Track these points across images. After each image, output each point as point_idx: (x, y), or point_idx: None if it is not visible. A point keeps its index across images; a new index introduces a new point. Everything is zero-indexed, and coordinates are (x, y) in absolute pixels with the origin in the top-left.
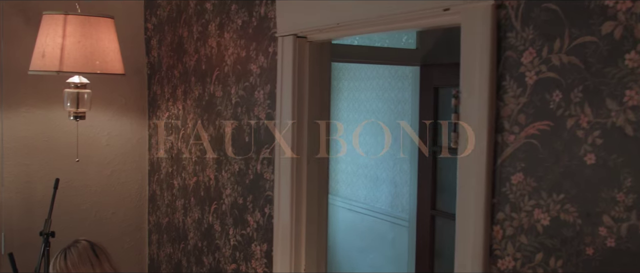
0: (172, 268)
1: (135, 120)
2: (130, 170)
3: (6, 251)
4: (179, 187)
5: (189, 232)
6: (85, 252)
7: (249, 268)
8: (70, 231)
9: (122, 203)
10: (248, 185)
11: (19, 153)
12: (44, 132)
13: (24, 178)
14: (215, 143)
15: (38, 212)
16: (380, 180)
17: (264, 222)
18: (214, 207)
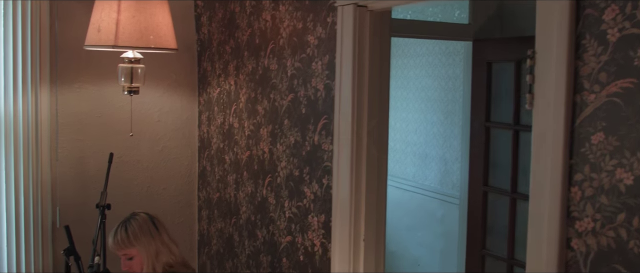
0: (223, 243)
1: (186, 97)
2: (181, 147)
3: (61, 224)
4: (230, 162)
5: (241, 206)
6: (145, 224)
7: (305, 240)
8: (123, 205)
9: (172, 179)
10: (305, 157)
11: (72, 129)
12: (96, 108)
13: (77, 154)
14: (270, 117)
15: (91, 187)
16: (430, 157)
17: (322, 193)
18: (268, 180)
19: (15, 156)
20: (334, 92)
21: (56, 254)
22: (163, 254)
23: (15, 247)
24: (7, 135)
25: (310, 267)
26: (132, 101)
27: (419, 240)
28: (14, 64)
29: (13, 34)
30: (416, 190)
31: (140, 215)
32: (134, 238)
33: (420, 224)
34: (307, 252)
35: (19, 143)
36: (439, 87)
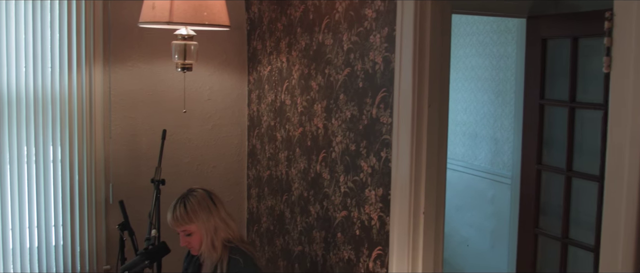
0: (274, 220)
1: (235, 76)
2: (230, 125)
3: (114, 201)
4: (282, 139)
5: (293, 183)
6: (203, 200)
7: (361, 214)
8: (174, 183)
9: (222, 157)
10: (362, 131)
11: (125, 107)
12: (148, 86)
13: (129, 131)
14: (325, 92)
15: (143, 164)
16: (480, 137)
17: (380, 167)
18: (323, 155)
19: (69, 134)
20: (394, 64)
21: (109, 229)
22: (221, 230)
23: (69, 223)
24: (63, 113)
25: (367, 241)
26: (185, 78)
27: (469, 220)
28: (69, 43)
29: (67, 13)
30: (466, 170)
31: (198, 191)
32: (193, 214)
33: (469, 204)
34: (364, 226)
35: (74, 121)
36: (490, 66)
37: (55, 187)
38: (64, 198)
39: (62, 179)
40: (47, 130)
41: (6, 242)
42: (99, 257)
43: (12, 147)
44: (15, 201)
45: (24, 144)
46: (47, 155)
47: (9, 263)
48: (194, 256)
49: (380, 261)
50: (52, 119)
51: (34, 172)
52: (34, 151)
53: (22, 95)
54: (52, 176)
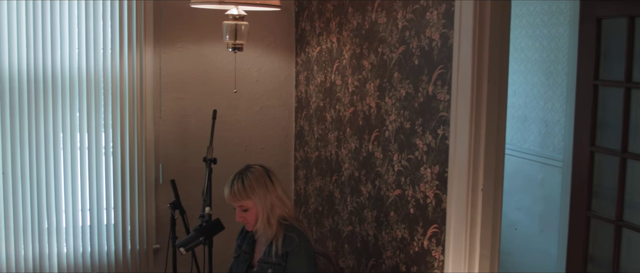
0: (322, 201)
1: (283, 57)
2: (278, 107)
3: (164, 181)
4: (332, 120)
5: (344, 163)
6: (261, 177)
7: (416, 192)
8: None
9: (270, 139)
10: (417, 109)
11: (175, 88)
12: (198, 67)
13: (179, 112)
14: (377, 71)
15: (192, 145)
16: (529, 120)
17: (437, 144)
18: (375, 134)
19: (121, 115)
20: (452, 41)
21: (159, 209)
22: (277, 207)
23: (121, 203)
24: (114, 94)
25: (422, 219)
26: (235, 58)
27: (517, 204)
28: (120, 25)
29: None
30: (514, 153)
31: (256, 167)
32: (250, 190)
33: (518, 188)
34: (419, 204)
35: (125, 103)
36: (540, 48)
37: (107, 167)
38: (115, 178)
39: (114, 160)
40: (99, 112)
41: (60, 222)
42: (149, 236)
43: (65, 128)
44: (69, 181)
45: (76, 125)
46: (98, 136)
47: (62, 242)
48: (248, 233)
49: (436, 239)
50: (103, 100)
51: (86, 152)
52: (87, 132)
53: (75, 77)
54: (104, 157)
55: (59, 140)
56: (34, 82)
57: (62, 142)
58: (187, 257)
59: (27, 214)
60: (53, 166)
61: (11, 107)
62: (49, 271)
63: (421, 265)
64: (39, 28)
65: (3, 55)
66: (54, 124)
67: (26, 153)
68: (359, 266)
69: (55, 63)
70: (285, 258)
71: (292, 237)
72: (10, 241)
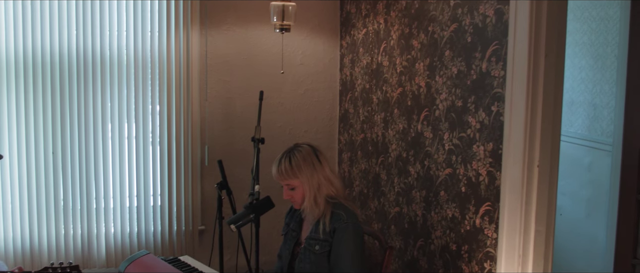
0: (367, 183)
1: (328, 41)
2: (322, 90)
3: (209, 162)
4: (378, 101)
5: (391, 144)
6: (308, 156)
7: (468, 170)
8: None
9: (314, 122)
10: (469, 86)
11: (220, 70)
12: (243, 50)
13: (225, 95)
14: (428, 50)
15: (237, 127)
16: (576, 103)
17: (490, 121)
18: (425, 114)
19: (167, 97)
20: (507, 16)
21: (204, 191)
22: (325, 186)
23: (167, 184)
24: (161, 76)
25: (474, 198)
26: (283, 39)
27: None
28: (167, 8)
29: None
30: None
31: (304, 146)
32: (297, 169)
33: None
34: (471, 183)
35: (172, 85)
36: (588, 30)
37: (154, 149)
38: (161, 160)
39: (160, 142)
40: (146, 94)
41: (108, 203)
42: (194, 217)
43: (113, 111)
44: (116, 163)
45: (124, 108)
46: (146, 119)
47: (110, 223)
48: (296, 211)
49: (489, 217)
50: (151, 83)
51: (133, 134)
52: (134, 115)
53: (123, 60)
54: (151, 138)
55: (107, 122)
56: (82, 65)
57: (110, 124)
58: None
59: (76, 195)
60: (101, 148)
61: (61, 89)
62: (97, 250)
63: (473, 244)
64: (88, 12)
65: (53, 39)
66: (103, 106)
67: (76, 135)
68: (406, 247)
69: (103, 46)
70: (333, 234)
71: (340, 214)
72: (60, 221)
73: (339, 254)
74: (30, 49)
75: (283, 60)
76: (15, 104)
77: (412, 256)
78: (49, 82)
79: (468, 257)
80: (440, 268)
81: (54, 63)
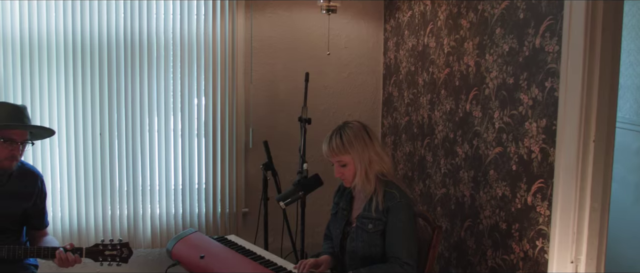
0: (412, 165)
1: (371, 24)
2: (366, 73)
3: (253, 145)
4: (424, 83)
5: (437, 126)
6: (359, 132)
7: (520, 148)
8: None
9: (357, 105)
10: (522, 63)
11: (265, 53)
12: (287, 33)
13: (269, 77)
14: (477, 29)
15: (280, 110)
16: (624, 87)
17: (544, 97)
18: (474, 93)
19: (213, 80)
20: None
21: (248, 174)
22: (375, 163)
23: (211, 166)
24: (207, 59)
25: (526, 175)
26: (329, 21)
27: None
28: None
29: None
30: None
31: (354, 123)
32: (349, 145)
33: None
34: (522, 160)
35: (217, 67)
36: (638, 12)
37: (199, 131)
38: (206, 142)
39: (206, 124)
40: (192, 77)
41: (153, 184)
42: (238, 199)
43: (160, 93)
44: (162, 144)
45: (170, 90)
46: (191, 101)
47: (156, 204)
48: (345, 190)
49: (541, 194)
50: (196, 65)
51: (179, 116)
52: (180, 97)
53: (170, 42)
54: (196, 121)
55: (154, 105)
56: (130, 48)
57: (156, 106)
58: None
59: (123, 176)
60: (148, 129)
61: (109, 71)
62: (143, 231)
63: (524, 222)
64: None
65: (102, 22)
66: (149, 88)
67: (123, 116)
68: (453, 228)
69: (150, 29)
70: (386, 213)
71: (393, 193)
72: (107, 201)
73: (393, 233)
74: (79, 32)
75: (329, 42)
76: (64, 85)
77: (459, 237)
78: (97, 63)
79: (519, 236)
80: (489, 248)
81: (103, 45)
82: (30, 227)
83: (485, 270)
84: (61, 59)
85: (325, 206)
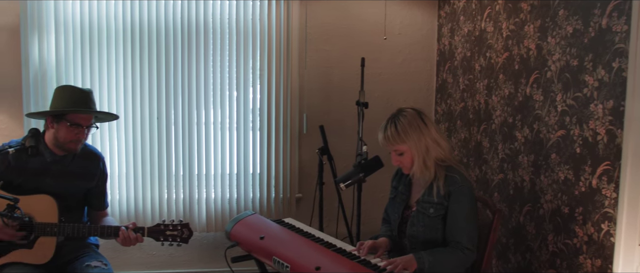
0: (467, 152)
1: (426, 11)
2: (420, 60)
3: (307, 130)
4: (481, 69)
5: (495, 111)
6: (413, 120)
7: (584, 131)
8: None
9: (411, 92)
10: (587, 44)
11: (319, 39)
12: (342, 19)
13: (323, 63)
14: (538, 11)
15: (335, 96)
16: None
17: (611, 78)
18: (535, 76)
19: (268, 66)
20: None
21: (302, 159)
22: (433, 149)
23: (266, 151)
24: (262, 46)
25: (590, 158)
26: (385, 5)
27: None
28: None
29: None
30: None
31: (408, 110)
32: (404, 133)
33: None
34: (587, 143)
35: (272, 53)
36: None
37: (254, 117)
38: (261, 128)
39: (261, 109)
40: (247, 62)
41: (209, 169)
42: (292, 185)
43: (216, 79)
44: (218, 130)
45: (226, 76)
46: (247, 87)
47: (211, 188)
48: (403, 174)
49: (608, 176)
50: (252, 52)
51: (234, 101)
52: (235, 83)
53: (225, 28)
54: (251, 106)
55: (210, 91)
56: (187, 34)
57: (212, 93)
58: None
59: (179, 160)
60: (204, 115)
61: (167, 58)
62: (198, 215)
63: (588, 205)
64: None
65: (160, 9)
66: (205, 75)
67: (179, 102)
68: (511, 213)
69: (207, 16)
70: (448, 198)
71: (454, 177)
72: (164, 185)
73: (454, 217)
74: (138, 19)
75: (385, 27)
76: (123, 70)
77: (518, 222)
78: (155, 50)
79: (583, 219)
80: (550, 233)
81: (160, 32)
82: (91, 208)
83: (546, 255)
84: (120, 45)
85: (378, 193)
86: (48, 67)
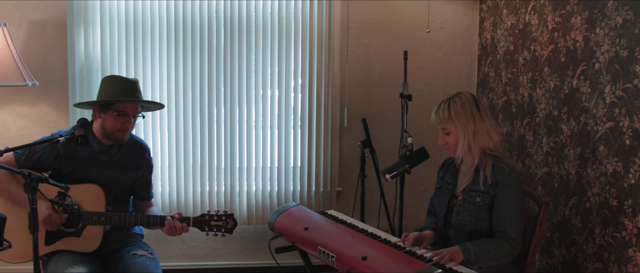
0: (510, 146)
1: (467, 5)
2: (461, 54)
3: (348, 125)
4: (524, 62)
5: (539, 104)
6: (468, 103)
7: (634, 122)
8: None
9: (452, 86)
10: (638, 35)
11: (361, 33)
12: (383, 13)
13: (364, 57)
14: (586, 3)
15: (375, 90)
16: None
17: None
18: (582, 68)
19: (309, 59)
20: None
21: (342, 153)
22: (481, 136)
23: (307, 145)
24: (304, 40)
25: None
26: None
27: None
28: None
29: None
30: None
31: (465, 94)
32: (455, 114)
33: None
34: (637, 134)
35: (314, 47)
36: None
37: (295, 110)
38: (302, 121)
39: (302, 103)
40: (289, 57)
41: (250, 162)
42: (332, 178)
43: (258, 72)
44: (259, 123)
45: (268, 70)
46: (288, 81)
47: (252, 181)
48: (450, 165)
49: None
50: (294, 45)
51: (276, 95)
52: (277, 76)
53: (268, 22)
54: (292, 100)
55: (252, 84)
56: (229, 28)
57: (254, 86)
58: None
59: (221, 153)
60: (245, 108)
61: (209, 50)
62: (239, 207)
63: (638, 197)
64: None
65: (203, 4)
66: (247, 68)
67: (222, 95)
68: (556, 207)
69: (250, 9)
70: (495, 187)
71: (502, 167)
72: (205, 177)
73: (501, 207)
74: (181, 14)
75: (429, 20)
76: (166, 65)
77: (563, 215)
78: (198, 42)
79: (632, 212)
80: (598, 226)
81: (203, 24)
82: (137, 198)
83: (592, 248)
84: (164, 40)
85: (420, 186)
86: (93, 60)
